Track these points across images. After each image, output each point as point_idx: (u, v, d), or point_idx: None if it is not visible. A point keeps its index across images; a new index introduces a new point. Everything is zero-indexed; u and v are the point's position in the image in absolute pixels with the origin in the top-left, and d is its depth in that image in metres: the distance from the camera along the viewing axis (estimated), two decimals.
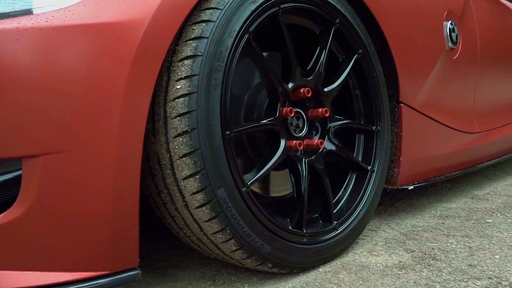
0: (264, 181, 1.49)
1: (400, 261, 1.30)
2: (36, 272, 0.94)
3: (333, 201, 1.43)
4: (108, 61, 0.91)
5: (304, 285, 1.17)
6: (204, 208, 1.03)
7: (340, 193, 1.46)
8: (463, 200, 2.02)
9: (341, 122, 1.44)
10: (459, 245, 1.41)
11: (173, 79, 1.01)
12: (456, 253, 1.34)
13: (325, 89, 1.37)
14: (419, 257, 1.32)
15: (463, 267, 1.24)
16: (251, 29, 1.11)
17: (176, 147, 1.01)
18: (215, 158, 1.02)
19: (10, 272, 0.93)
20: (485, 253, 1.34)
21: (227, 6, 1.06)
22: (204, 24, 1.03)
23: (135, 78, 0.93)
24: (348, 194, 1.46)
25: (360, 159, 1.50)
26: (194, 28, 1.04)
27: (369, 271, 1.24)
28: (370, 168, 1.48)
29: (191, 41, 1.02)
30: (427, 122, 1.76)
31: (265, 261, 1.14)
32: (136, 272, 1.01)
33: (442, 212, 1.83)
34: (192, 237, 1.15)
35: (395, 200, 2.08)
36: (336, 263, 1.32)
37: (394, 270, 1.24)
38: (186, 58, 1.01)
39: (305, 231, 1.24)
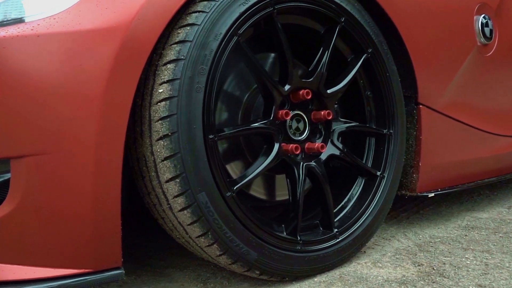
0: (269, 184, 1.51)
1: (404, 276, 1.28)
2: (24, 266, 1.03)
3: (338, 207, 1.44)
4: (88, 66, 0.97)
5: None
6: (185, 211, 1.08)
7: (345, 199, 1.45)
8: (497, 210, 1.93)
9: (346, 125, 1.43)
10: (475, 261, 1.36)
11: (157, 83, 1.06)
12: (468, 270, 1.29)
13: (328, 91, 1.37)
14: (426, 273, 1.29)
15: (471, 287, 1.20)
16: (240, 31, 1.14)
17: (158, 150, 1.06)
18: (196, 162, 1.06)
19: (0, 265, 1.02)
20: (501, 273, 1.28)
21: (213, 9, 1.09)
22: (188, 28, 1.08)
23: (114, 84, 0.99)
24: (355, 200, 1.45)
25: (370, 164, 1.49)
26: (179, 31, 1.08)
27: (366, 285, 1.23)
28: (380, 174, 1.46)
29: (175, 45, 1.07)
30: (453, 125, 1.70)
31: (252, 268, 1.17)
32: (119, 271, 1.08)
33: (469, 223, 1.76)
34: (182, 239, 1.20)
35: (422, 206, 2.03)
36: (335, 273, 1.32)
37: (393, 285, 1.23)
38: (170, 62, 1.06)
39: (299, 238, 1.26)
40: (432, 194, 1.68)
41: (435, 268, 1.31)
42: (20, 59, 0.95)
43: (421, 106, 1.59)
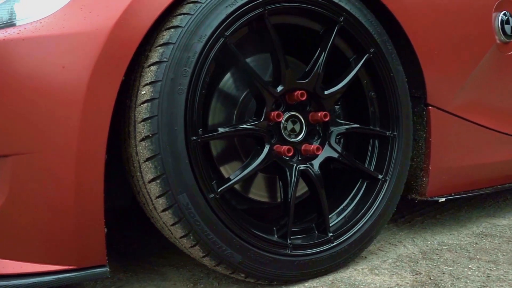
0: (271, 185, 1.50)
1: (398, 284, 1.23)
2: (13, 261, 1.06)
3: (337, 211, 1.40)
4: (70, 69, 0.99)
5: None
6: (167, 212, 1.08)
7: (345, 203, 1.41)
8: None
9: (346, 126, 1.39)
10: (477, 272, 1.29)
11: (141, 85, 1.07)
12: (466, 282, 1.23)
13: (326, 92, 1.33)
14: (421, 282, 1.23)
15: None
16: (227, 33, 1.13)
17: (141, 151, 1.07)
18: (177, 163, 1.06)
19: None
20: (501, 286, 1.20)
21: (198, 11, 1.09)
22: (173, 30, 1.08)
23: (96, 85, 1.00)
24: (355, 204, 1.41)
25: (373, 166, 1.44)
26: (164, 34, 1.09)
27: None
28: (382, 177, 1.41)
29: (159, 47, 1.07)
30: (467, 127, 1.62)
31: (237, 270, 1.16)
32: (103, 269, 1.10)
33: (484, 230, 1.67)
34: (171, 239, 1.21)
35: (441, 211, 1.95)
36: (328, 278, 1.29)
37: None
38: (153, 64, 1.07)
39: (289, 242, 1.24)
40: (443, 199, 1.61)
41: (432, 278, 1.25)
42: (6, 62, 0.98)
43: (430, 107, 1.52)
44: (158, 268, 1.43)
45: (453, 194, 1.66)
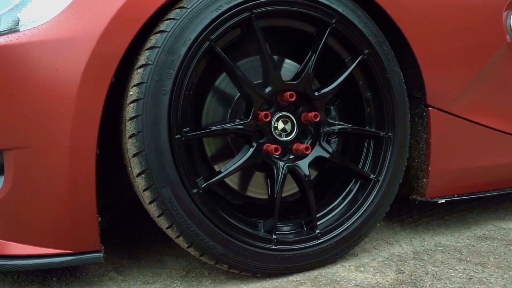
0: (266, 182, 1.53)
1: (378, 282, 1.24)
2: (18, 244, 1.17)
3: (328, 208, 1.42)
4: (63, 71, 1.08)
5: None
6: (152, 205, 1.15)
7: (337, 201, 1.43)
8: None
9: (338, 127, 1.40)
10: (461, 274, 1.27)
11: (130, 86, 1.14)
12: (446, 283, 1.21)
13: (316, 93, 1.34)
14: (400, 281, 1.23)
15: None
16: (213, 36, 1.17)
17: (129, 147, 1.14)
18: (160, 159, 1.12)
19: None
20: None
21: (183, 16, 1.14)
22: (159, 35, 1.13)
23: (86, 86, 1.08)
24: (346, 203, 1.42)
25: (367, 167, 1.44)
26: (151, 38, 1.14)
27: (334, 287, 1.21)
28: (375, 178, 1.41)
29: (146, 51, 1.13)
30: (470, 128, 1.57)
31: (219, 261, 1.21)
32: (97, 254, 1.18)
33: (487, 232, 1.63)
34: (163, 230, 1.28)
35: (451, 212, 1.90)
36: (312, 273, 1.31)
37: None
38: (140, 66, 1.13)
39: (274, 237, 1.27)
40: (443, 201, 1.58)
41: (413, 278, 1.25)
42: (7, 65, 1.08)
43: (430, 108, 1.49)
44: (161, 256, 1.51)
45: (456, 195, 1.63)
